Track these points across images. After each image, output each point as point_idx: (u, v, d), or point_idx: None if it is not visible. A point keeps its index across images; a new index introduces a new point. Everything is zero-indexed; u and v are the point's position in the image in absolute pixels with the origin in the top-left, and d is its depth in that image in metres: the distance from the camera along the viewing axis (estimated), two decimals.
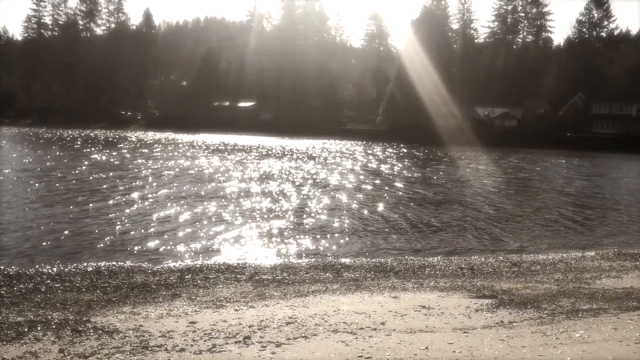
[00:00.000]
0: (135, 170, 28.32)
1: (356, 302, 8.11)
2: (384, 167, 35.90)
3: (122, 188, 21.42)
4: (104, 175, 25.14)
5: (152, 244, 12.46)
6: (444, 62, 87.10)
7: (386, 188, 24.92)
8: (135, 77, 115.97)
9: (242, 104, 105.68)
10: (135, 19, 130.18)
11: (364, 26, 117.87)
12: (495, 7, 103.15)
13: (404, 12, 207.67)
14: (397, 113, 78.79)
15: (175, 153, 41.74)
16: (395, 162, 40.83)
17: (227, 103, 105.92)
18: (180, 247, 12.31)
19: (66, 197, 18.62)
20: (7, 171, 25.62)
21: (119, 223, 14.58)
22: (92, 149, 43.80)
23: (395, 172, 32.78)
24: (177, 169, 29.15)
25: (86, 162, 31.45)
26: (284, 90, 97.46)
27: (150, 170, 28.12)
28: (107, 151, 41.33)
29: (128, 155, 37.75)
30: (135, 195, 19.64)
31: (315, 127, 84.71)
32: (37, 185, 21.39)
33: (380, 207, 19.19)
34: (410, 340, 6.21)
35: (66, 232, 13.26)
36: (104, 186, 21.69)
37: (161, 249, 12.07)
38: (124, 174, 26.29)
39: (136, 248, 12.08)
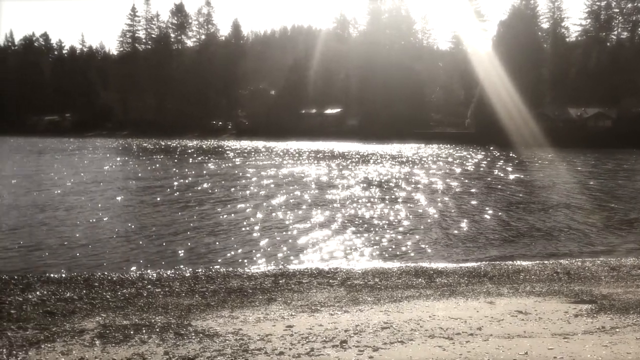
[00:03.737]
0: (233, 177, 29.27)
1: (451, 308, 7.97)
2: (474, 171, 35.05)
3: (219, 194, 22.22)
4: (203, 183, 26.17)
5: (245, 249, 12.81)
6: (534, 62, 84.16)
7: (477, 191, 24.32)
8: (225, 88, 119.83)
9: (328, 111, 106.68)
10: (224, 30, 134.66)
11: (451, 28, 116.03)
12: (588, 4, 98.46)
13: (493, 13, 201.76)
14: (486, 115, 76.72)
15: (269, 161, 42.76)
16: (486, 165, 39.75)
17: (313, 110, 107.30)
18: (273, 252, 12.57)
19: (167, 205, 19.54)
20: (111, 180, 27.25)
21: (214, 229, 15.11)
22: (190, 158, 45.75)
23: (487, 175, 31.91)
24: (272, 176, 29.82)
25: (187, 171, 32.88)
26: (370, 95, 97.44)
27: (247, 178, 28.98)
28: (206, 160, 43.03)
29: (226, 164, 39.07)
30: (232, 201, 20.30)
31: (402, 132, 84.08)
32: (138, 193, 22.61)
33: (471, 210, 18.75)
34: (508, 345, 6.05)
35: (164, 238, 13.91)
36: (202, 193, 22.57)
37: (254, 254, 12.38)
38: (222, 181, 27.24)
39: (231, 253, 12.47)
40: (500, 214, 18.39)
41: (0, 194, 21.85)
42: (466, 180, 28.81)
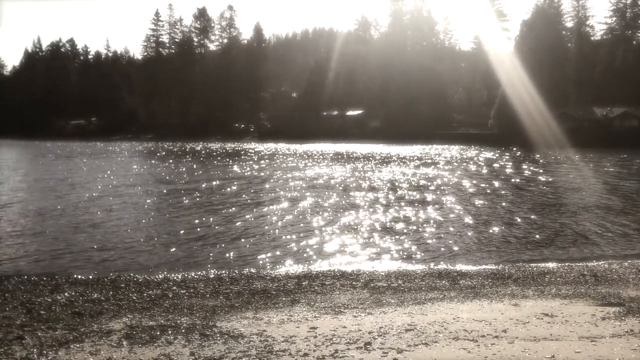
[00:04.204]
0: (256, 179, 29.42)
1: (475, 310, 7.92)
2: (498, 172, 34.74)
3: (242, 196, 22.35)
4: (226, 185, 26.38)
5: (268, 251, 12.87)
6: (558, 62, 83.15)
7: (501, 193, 24.10)
8: (248, 91, 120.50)
9: (350, 113, 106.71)
10: (246, 34, 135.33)
11: (473, 29, 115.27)
12: (613, 2, 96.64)
13: (515, 12, 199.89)
14: (509, 116, 75.91)
15: (292, 163, 42.89)
16: (510, 166, 39.37)
17: (335, 112, 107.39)
18: (296, 254, 12.62)
19: (191, 207, 19.74)
20: (138, 183, 27.59)
21: (237, 231, 15.21)
22: (214, 161, 46.13)
23: (510, 177, 31.61)
24: (295, 178, 29.90)
25: (211, 173, 33.16)
26: (392, 97, 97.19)
27: (270, 180, 29.11)
28: (229, 162, 43.35)
29: (249, 166, 39.28)
30: (255, 203, 20.42)
31: (424, 133, 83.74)
32: (163, 195, 22.87)
33: (495, 212, 18.60)
34: (534, 348, 6.00)
35: (189, 239, 14.05)
36: (226, 195, 22.75)
37: (277, 256, 12.44)
38: (245, 183, 27.40)
39: (254, 255, 12.54)
40: (524, 215, 18.20)
41: (30, 197, 22.29)
42: (489, 182, 28.56)
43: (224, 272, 10.97)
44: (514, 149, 64.44)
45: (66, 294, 9.02)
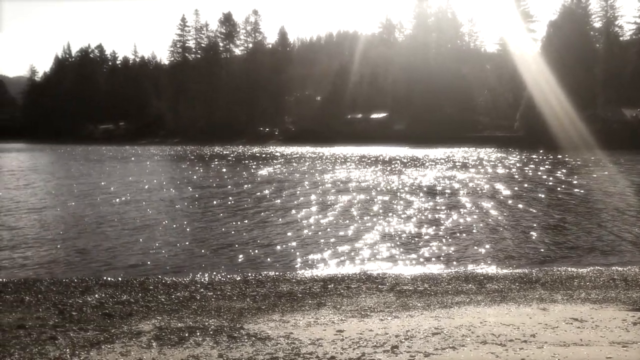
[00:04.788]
0: (282, 183, 29.53)
1: (502, 314, 7.86)
2: (525, 174, 34.33)
3: (268, 199, 22.49)
4: (253, 188, 26.56)
5: (294, 254, 12.93)
6: (586, 62, 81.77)
7: (529, 195, 23.81)
8: (272, 94, 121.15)
9: (374, 116, 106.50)
10: (271, 38, 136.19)
11: (498, 30, 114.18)
12: None
13: (542, 13, 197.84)
14: (535, 118, 74.87)
15: (317, 166, 42.97)
16: (537, 169, 38.87)
17: (359, 115, 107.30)
18: (322, 257, 12.66)
19: (218, 210, 19.92)
20: (167, 186, 27.94)
21: (263, 233, 15.31)
22: (240, 164, 46.46)
23: (538, 179, 31.20)
24: (320, 182, 29.96)
25: (238, 177, 33.40)
26: (416, 99, 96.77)
27: (295, 183, 29.21)
28: (255, 166, 43.61)
29: (275, 169, 39.48)
30: (280, 206, 20.52)
31: (449, 135, 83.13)
32: (192, 199, 23.12)
33: (523, 215, 18.39)
34: (564, 353, 5.92)
35: (216, 242, 14.19)
36: (253, 198, 22.90)
37: (303, 259, 12.49)
38: (271, 186, 27.55)
39: (279, 257, 12.62)
40: (552, 218, 17.97)
41: (62, 200, 22.72)
42: (516, 184, 28.25)
43: (250, 274, 11.06)
44: (541, 151, 63.61)
45: (96, 295, 9.19)
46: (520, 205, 20.89)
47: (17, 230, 15.67)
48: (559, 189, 26.96)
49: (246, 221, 17.44)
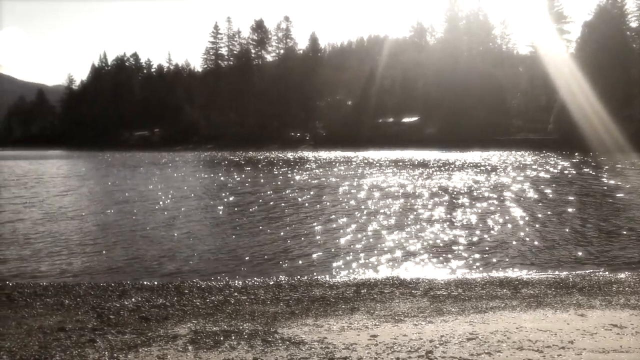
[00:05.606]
0: (316, 187, 29.62)
1: (539, 320, 7.74)
2: (561, 178, 33.73)
3: (302, 204, 22.57)
4: (287, 193, 26.70)
5: (327, 258, 12.95)
6: (622, 63, 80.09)
7: (566, 199, 23.39)
8: (303, 99, 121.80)
9: (406, 120, 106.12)
10: (302, 44, 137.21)
11: (531, 32, 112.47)
12: None
13: (576, 14, 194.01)
14: (570, 120, 73.49)
15: (349, 171, 42.99)
16: (573, 172, 38.15)
17: (390, 119, 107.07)
18: (354, 261, 12.64)
19: (252, 214, 20.08)
20: (204, 191, 28.31)
21: (296, 237, 15.37)
22: (274, 169, 46.78)
23: (575, 182, 30.62)
24: (353, 186, 29.96)
25: (272, 181, 33.64)
26: (448, 103, 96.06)
27: (329, 187, 29.27)
28: (289, 170, 43.86)
29: (308, 174, 39.64)
30: (314, 210, 20.58)
31: (482, 139, 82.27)
32: (227, 203, 23.36)
33: (559, 219, 18.06)
34: None
35: (249, 246, 14.30)
36: (287, 203, 23.02)
37: (336, 263, 12.50)
38: (305, 191, 27.66)
39: (312, 262, 12.65)
40: (589, 222, 17.60)
41: (99, 205, 23.22)
42: (551, 187, 27.76)
43: (282, 278, 11.12)
44: (576, 153, 62.40)
45: (133, 299, 9.36)
46: (556, 209, 20.53)
47: (58, 235, 16.07)
48: (595, 192, 26.41)
49: (279, 225, 17.54)
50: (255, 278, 11.22)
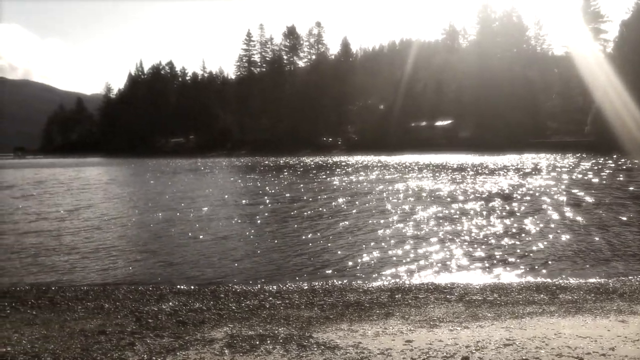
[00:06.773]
0: (350, 191, 29.62)
1: (578, 326, 7.59)
2: (600, 180, 32.99)
3: (337, 208, 22.57)
4: (322, 197, 26.77)
5: (360, 263, 12.93)
6: None
7: (607, 203, 22.85)
8: (335, 104, 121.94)
9: (439, 123, 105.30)
10: (333, 49, 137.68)
11: (567, 31, 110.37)
12: None
13: (613, 13, 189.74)
14: (608, 121, 71.80)
15: (383, 175, 42.87)
16: (614, 175, 37.26)
17: (423, 123, 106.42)
18: (388, 266, 12.60)
19: (288, 219, 20.20)
20: (240, 196, 28.60)
21: (330, 242, 15.39)
22: (308, 174, 46.96)
23: (616, 185, 29.90)
24: (388, 190, 29.87)
25: (307, 185, 33.77)
26: (482, 106, 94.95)
27: (363, 192, 29.23)
28: (322, 175, 43.98)
29: (342, 179, 39.66)
30: (348, 215, 20.57)
31: (517, 142, 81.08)
32: (263, 207, 23.55)
33: (599, 223, 17.67)
34: None
35: (284, 251, 14.39)
36: (322, 207, 23.07)
37: (370, 268, 12.48)
38: (340, 195, 27.69)
39: (346, 267, 12.64)
40: (631, 227, 17.17)
41: (139, 211, 23.66)
42: (590, 191, 27.17)
43: (316, 283, 11.16)
44: (615, 156, 60.92)
45: (170, 303, 9.53)
46: (595, 213, 20.10)
47: (99, 241, 16.44)
48: (637, 196, 25.75)
49: (314, 230, 17.58)
50: (289, 283, 11.29)
